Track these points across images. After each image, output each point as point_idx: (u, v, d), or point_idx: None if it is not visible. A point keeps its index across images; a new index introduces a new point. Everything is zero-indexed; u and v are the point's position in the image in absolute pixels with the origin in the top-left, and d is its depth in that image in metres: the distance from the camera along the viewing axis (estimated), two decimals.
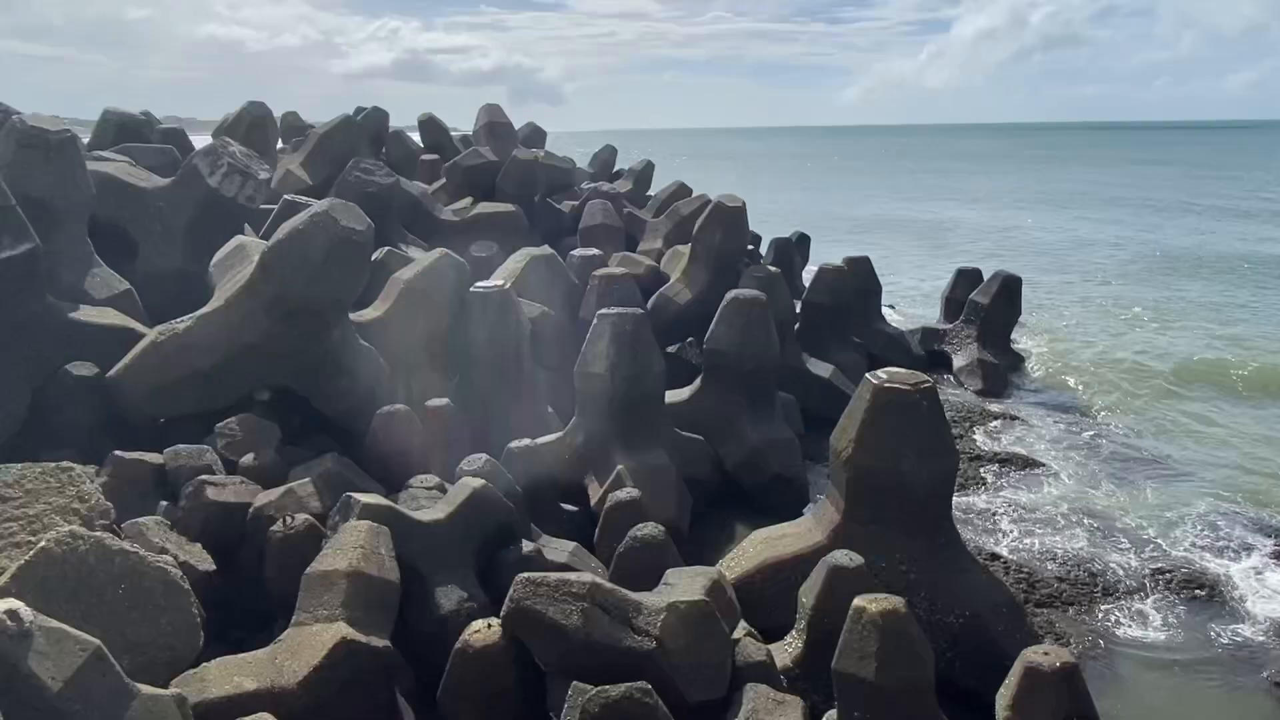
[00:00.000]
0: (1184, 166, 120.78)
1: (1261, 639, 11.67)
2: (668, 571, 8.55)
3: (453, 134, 32.19)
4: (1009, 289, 23.49)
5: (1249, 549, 13.92)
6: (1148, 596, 12.71)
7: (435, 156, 28.02)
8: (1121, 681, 10.89)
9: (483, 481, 9.72)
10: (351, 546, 8.03)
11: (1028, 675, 7.36)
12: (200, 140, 18.96)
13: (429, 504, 9.78)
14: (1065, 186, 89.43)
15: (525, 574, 7.52)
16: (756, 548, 10.91)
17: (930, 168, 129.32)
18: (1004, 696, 7.72)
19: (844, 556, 8.72)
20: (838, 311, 20.68)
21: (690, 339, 18.70)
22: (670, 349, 18.55)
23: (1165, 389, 22.33)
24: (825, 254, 30.05)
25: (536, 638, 7.32)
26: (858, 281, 22.33)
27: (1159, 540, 14.28)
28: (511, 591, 7.46)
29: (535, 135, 32.68)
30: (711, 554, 11.88)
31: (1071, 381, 23.31)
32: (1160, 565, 13.44)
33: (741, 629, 8.87)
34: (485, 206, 22.82)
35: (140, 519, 9.03)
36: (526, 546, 9.56)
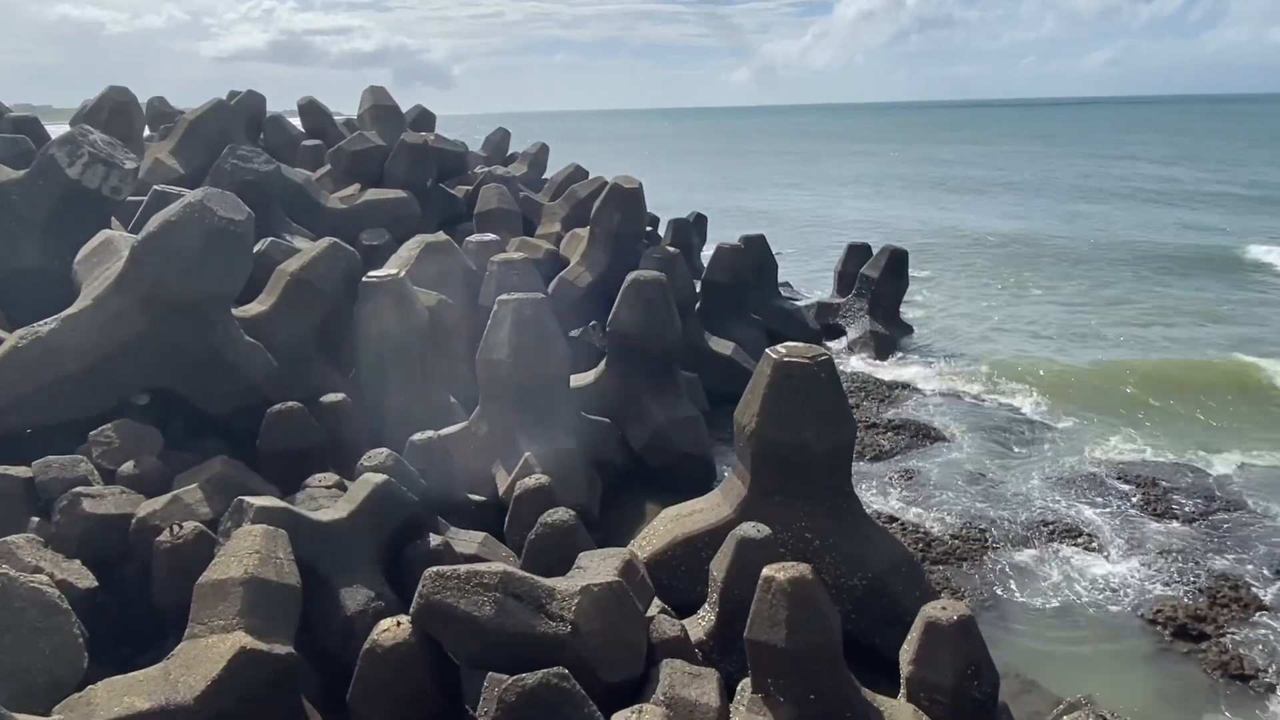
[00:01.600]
0: (1047, 142, 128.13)
1: (1131, 579, 12.59)
2: (580, 555, 8.53)
3: (335, 118, 30.98)
4: (896, 262, 24.39)
5: (1121, 498, 14.96)
6: (1032, 548, 13.51)
7: (318, 142, 26.91)
8: (1012, 628, 11.55)
9: (385, 477, 9.44)
10: (246, 552, 7.66)
11: (928, 630, 7.71)
12: (57, 129, 17.62)
13: (329, 503, 9.44)
14: (939, 167, 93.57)
15: (434, 568, 7.35)
16: (667, 526, 11.02)
17: (809, 150, 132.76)
18: (907, 651, 8.08)
19: (752, 528, 8.89)
20: (736, 289, 21.02)
21: (593, 322, 18.67)
22: (573, 333, 18.46)
23: (1048, 359, 23.66)
24: (721, 233, 30.53)
25: (449, 632, 7.17)
26: (754, 259, 22.74)
27: (1041, 496, 15.18)
28: (420, 587, 7.29)
29: (424, 118, 31.81)
30: (623, 535, 11.96)
31: (960, 350, 24.46)
32: (1043, 519, 14.30)
33: (656, 606, 8.95)
34: (374, 193, 22.09)
35: (9, 538, 8.38)
36: (434, 540, 9.36)
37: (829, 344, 23.80)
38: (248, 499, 8.72)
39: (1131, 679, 10.59)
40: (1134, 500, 14.84)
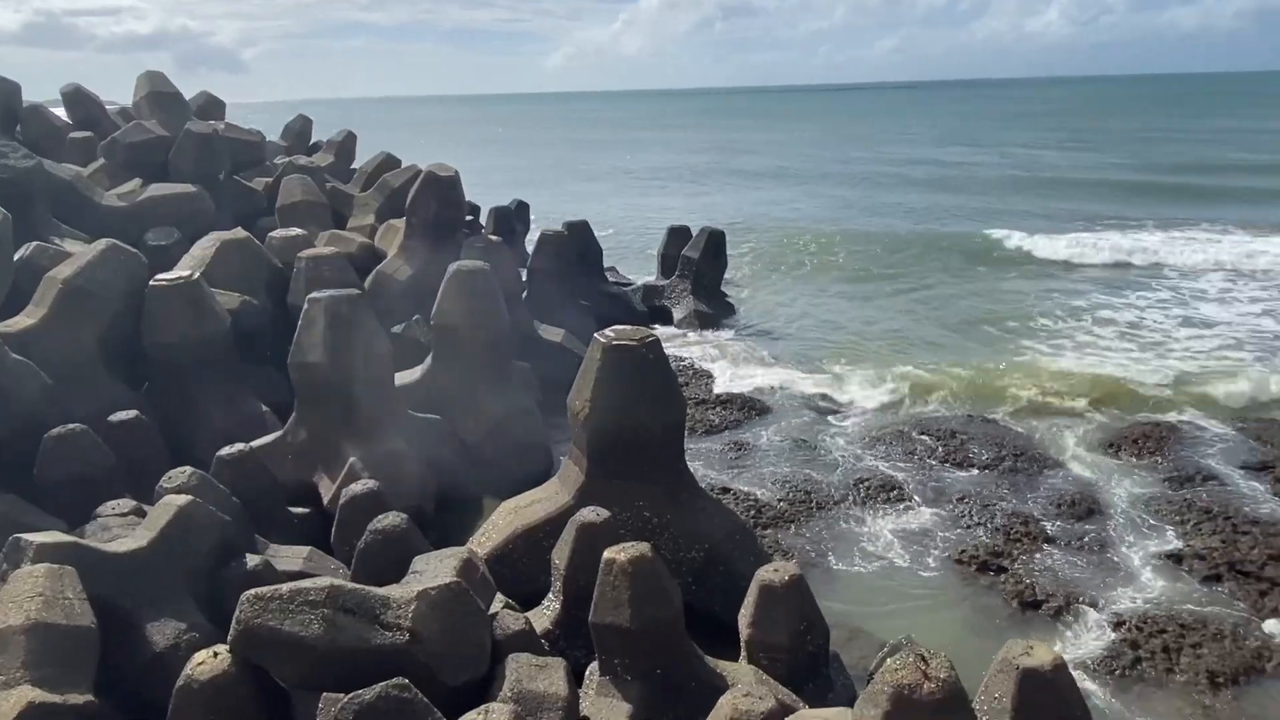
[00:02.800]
0: (834, 122, 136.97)
1: (938, 525, 13.75)
2: (415, 559, 8.21)
3: (107, 107, 27.91)
4: (714, 243, 25.20)
5: (928, 453, 16.26)
6: (852, 505, 14.44)
7: (88, 134, 24.16)
8: (838, 581, 12.30)
9: (189, 498, 8.65)
10: (27, 596, 6.78)
11: (762, 592, 8.03)
12: None
13: (125, 532, 8.53)
14: (745, 155, 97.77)
15: (251, 590, 6.81)
16: (506, 518, 10.85)
17: (621, 137, 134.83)
18: (744, 615, 8.39)
19: (591, 513, 8.90)
20: (562, 276, 20.97)
21: (416, 316, 17.99)
22: (396, 329, 17.73)
23: (858, 340, 25.26)
24: (544, 219, 30.34)
25: (274, 656, 6.68)
26: (579, 244, 22.78)
27: (856, 457, 16.25)
28: (238, 612, 6.74)
29: (212, 106, 29.33)
30: (462, 533, 11.65)
31: (779, 326, 25.66)
32: (859, 477, 15.30)
33: (499, 602, 8.78)
34: (158, 188, 20.12)
35: None
36: (252, 561, 8.69)
37: (656, 325, 24.31)
38: (26, 536, 7.72)
39: (944, 615, 11.57)
40: (937, 453, 16.18)
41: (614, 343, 10.09)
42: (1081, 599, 11.72)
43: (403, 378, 13.89)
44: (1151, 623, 11.08)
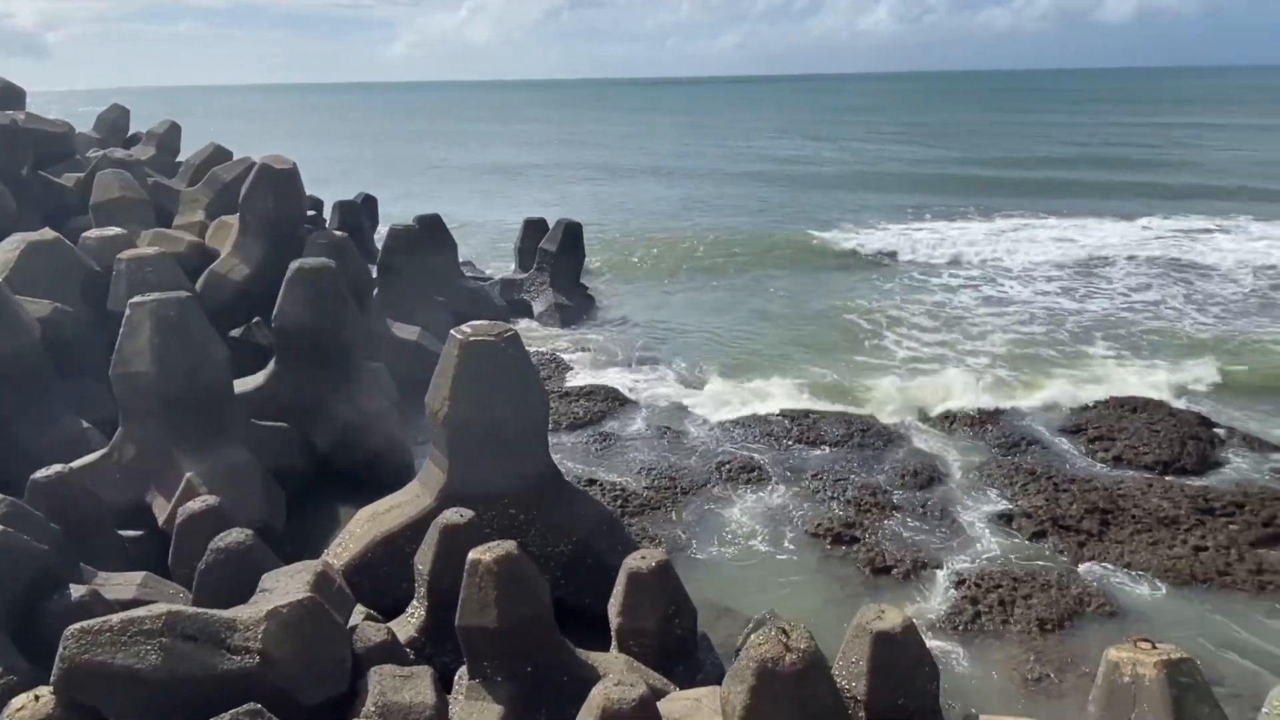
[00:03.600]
0: (690, 116, 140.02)
1: (795, 501, 14.33)
2: (264, 577, 7.71)
3: None
4: (572, 235, 25.13)
5: (783, 434, 16.88)
6: (715, 488, 14.80)
7: None
8: (704, 563, 12.60)
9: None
10: None
11: (630, 580, 8.08)
12: None
13: None
14: (613, 141, 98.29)
15: (76, 625, 6.20)
16: (364, 527, 10.40)
17: (473, 129, 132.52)
18: (614, 604, 8.42)
19: (455, 514, 8.66)
20: (416, 271, 20.30)
21: (256, 319, 16.94)
22: (234, 333, 16.63)
23: (712, 331, 25.84)
24: (393, 213, 29.32)
25: (105, 693, 6.11)
26: (431, 239, 22.12)
27: (717, 442, 16.66)
28: (61, 649, 6.12)
29: (10, 94, 26.44)
30: (317, 545, 11.07)
31: (639, 318, 25.91)
32: (721, 460, 15.71)
33: (359, 614, 8.41)
34: None
35: None
36: (77, 592, 7.90)
37: (517, 319, 24.00)
38: None
39: (804, 587, 12.07)
40: (791, 434, 16.83)
41: (471, 339, 9.85)
42: (927, 562, 12.53)
43: (244, 385, 13.04)
44: (988, 579, 11.99)
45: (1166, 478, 14.90)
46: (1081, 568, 12.44)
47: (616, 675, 6.27)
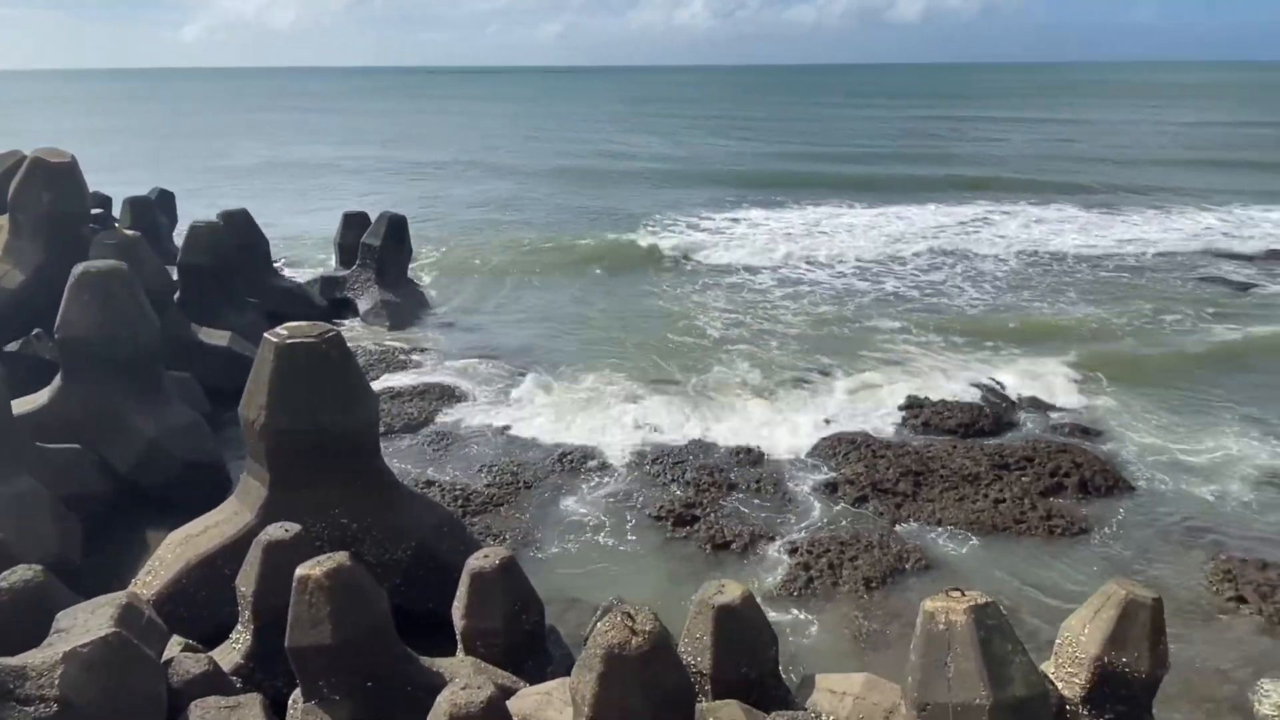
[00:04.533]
0: (519, 103, 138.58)
1: (638, 486, 14.55)
2: (59, 616, 6.92)
3: None
4: (396, 228, 24.18)
5: (625, 419, 17.06)
6: (557, 480, 14.76)
7: None
8: (550, 556, 12.54)
9: None
10: None
11: (473, 581, 7.90)
12: None
13: None
14: (420, 129, 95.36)
15: None
16: (175, 551, 9.57)
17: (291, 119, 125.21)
18: (458, 607, 8.21)
19: (279, 530, 8.13)
20: (222, 272, 18.86)
21: (36, 330, 15.17)
22: (10, 347, 14.85)
23: (545, 322, 25.68)
24: (196, 210, 27.08)
25: None
26: (239, 236, 20.63)
27: (557, 433, 16.59)
28: None
29: None
30: (123, 575, 10.08)
31: (473, 305, 25.36)
32: (562, 451, 15.68)
33: (176, 645, 7.75)
34: None
35: None
36: None
37: (342, 319, 22.86)
38: None
39: (649, 570, 12.29)
40: (633, 416, 17.06)
41: (288, 341, 9.26)
42: (763, 534, 13.09)
43: (24, 404, 11.65)
44: (818, 545, 12.68)
45: (968, 440, 16.32)
46: (900, 527, 13.42)
47: (463, 679, 6.11)
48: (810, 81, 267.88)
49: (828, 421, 17.01)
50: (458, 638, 8.21)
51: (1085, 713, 7.42)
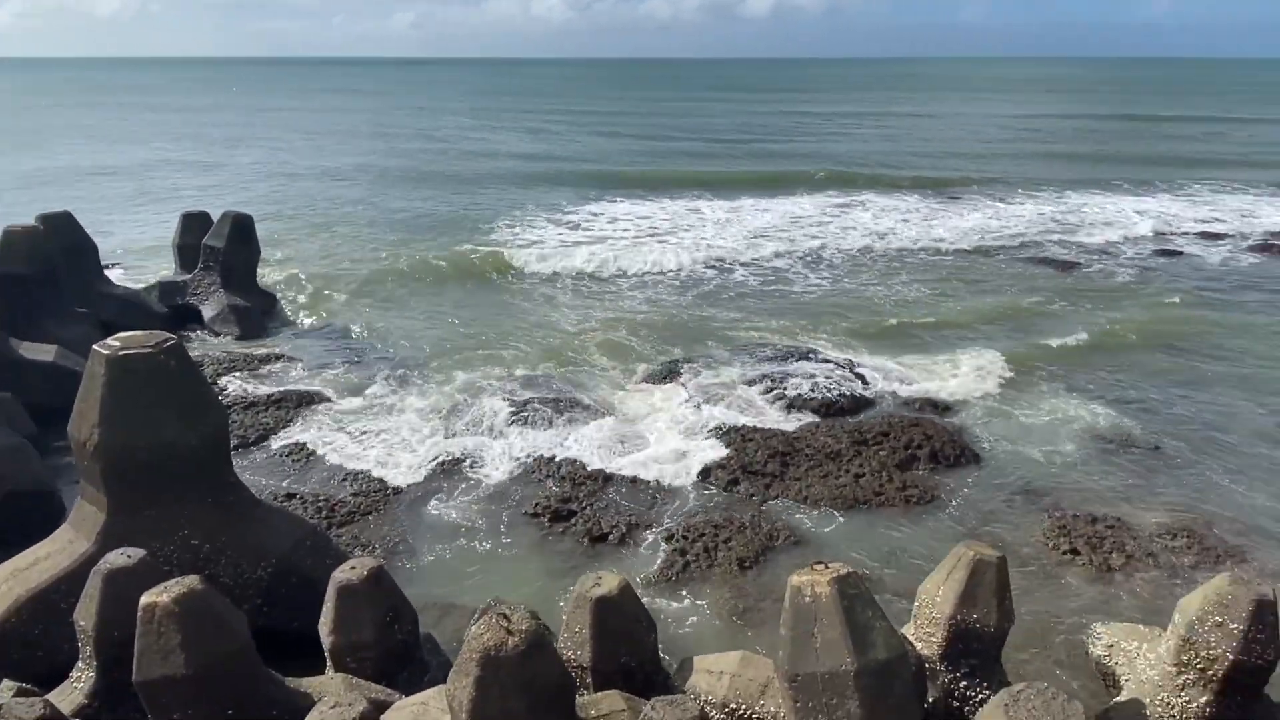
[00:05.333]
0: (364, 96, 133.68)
1: (511, 485, 14.38)
2: None
3: None
4: (241, 228, 22.80)
5: (495, 417, 16.79)
6: (428, 483, 14.38)
7: None
8: (424, 561, 12.21)
9: None
10: None
11: (340, 594, 7.58)
12: None
13: None
14: (263, 122, 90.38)
15: None
16: (3, 587, 8.69)
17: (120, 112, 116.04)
18: (325, 622, 7.86)
19: (120, 556, 7.52)
20: (44, 280, 17.24)
21: None
22: None
23: (406, 323, 24.91)
24: (9, 215, 24.62)
25: None
26: (62, 240, 18.90)
27: (426, 433, 16.16)
28: None
29: None
30: None
31: (329, 309, 24.26)
32: (432, 454, 15.29)
33: (8, 689, 7.07)
34: None
35: None
36: None
37: (187, 328, 21.37)
38: None
39: (527, 568, 12.17)
40: (503, 416, 16.82)
41: (121, 352, 8.56)
42: (639, 523, 13.23)
43: None
44: (693, 530, 12.94)
45: (830, 419, 17.06)
46: (770, 507, 13.88)
47: (332, 697, 5.85)
48: (666, 75, 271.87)
49: (697, 408, 17.36)
50: (326, 655, 7.86)
51: (943, 669, 7.92)
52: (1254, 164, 57.52)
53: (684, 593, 11.64)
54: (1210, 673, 7.19)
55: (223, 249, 22.39)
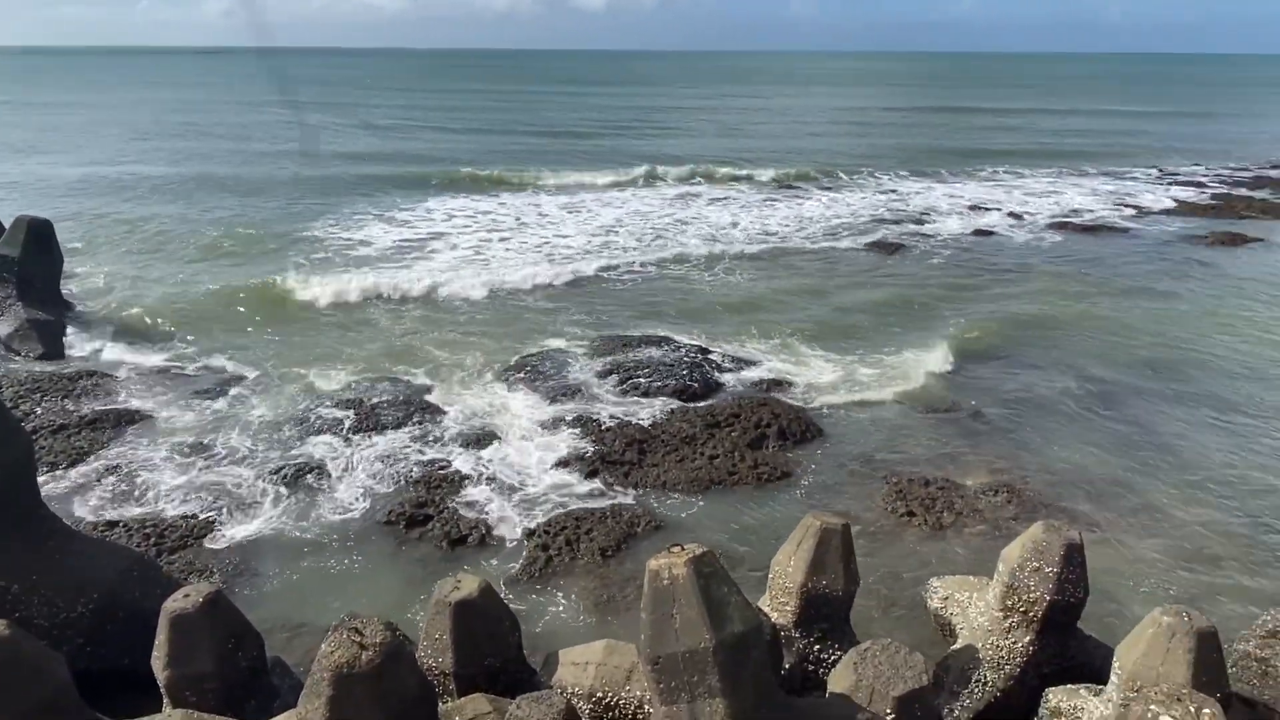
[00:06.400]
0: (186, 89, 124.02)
1: (364, 492, 13.80)
2: None
3: None
4: (39, 235, 20.64)
5: (340, 423, 16.05)
6: (272, 495, 13.57)
7: None
8: (269, 581, 11.51)
9: None
10: None
11: (173, 625, 7.03)
12: None
13: None
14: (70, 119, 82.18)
15: None
16: None
17: None
18: (158, 656, 7.26)
19: None
20: None
21: None
22: None
23: (228, 330, 23.34)
24: None
25: None
26: None
27: (264, 446, 15.22)
28: None
29: None
30: None
31: (144, 321, 22.33)
32: (274, 465, 14.43)
33: None
34: None
35: None
36: None
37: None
38: None
39: (384, 578, 11.73)
40: (350, 422, 16.12)
41: None
42: (500, 522, 13.04)
43: None
44: (555, 524, 12.89)
45: (683, 404, 17.44)
46: (629, 495, 14.03)
47: None
48: (503, 66, 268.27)
49: (552, 402, 17.29)
50: (162, 691, 7.26)
51: (798, 635, 8.29)
52: (1054, 154, 63.44)
53: (548, 587, 11.59)
54: (1031, 614, 7.89)
55: (18, 258, 20.19)
